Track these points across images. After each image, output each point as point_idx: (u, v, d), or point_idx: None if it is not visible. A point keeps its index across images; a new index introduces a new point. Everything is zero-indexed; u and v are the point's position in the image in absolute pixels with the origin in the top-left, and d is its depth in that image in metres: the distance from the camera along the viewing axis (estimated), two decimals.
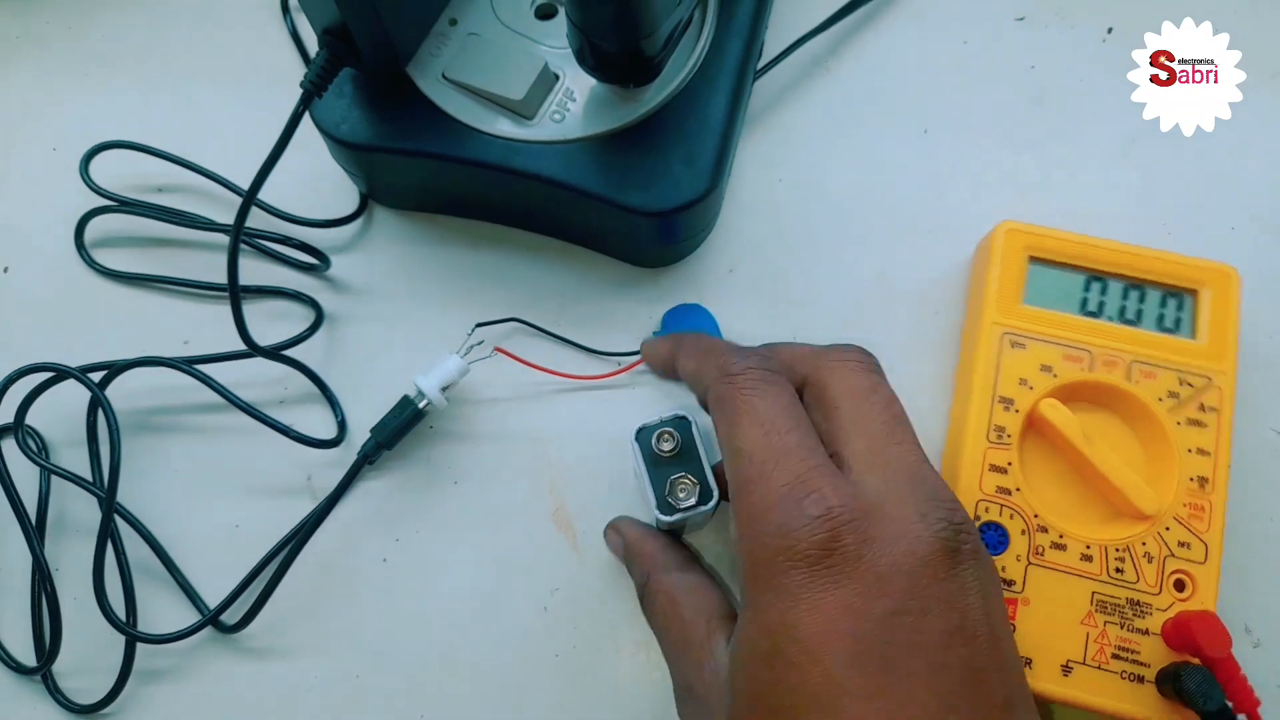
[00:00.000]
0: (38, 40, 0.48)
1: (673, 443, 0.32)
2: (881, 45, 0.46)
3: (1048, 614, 0.34)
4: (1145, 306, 0.37)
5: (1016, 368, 0.36)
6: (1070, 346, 0.36)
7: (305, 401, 0.41)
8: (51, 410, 0.39)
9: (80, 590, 0.37)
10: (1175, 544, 0.34)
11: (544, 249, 0.43)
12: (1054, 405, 0.35)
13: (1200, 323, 0.37)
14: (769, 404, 0.28)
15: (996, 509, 0.35)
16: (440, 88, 0.38)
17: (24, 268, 0.44)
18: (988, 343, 0.37)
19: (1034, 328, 0.37)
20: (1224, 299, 0.37)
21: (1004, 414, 0.36)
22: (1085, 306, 0.37)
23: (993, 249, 0.38)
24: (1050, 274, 0.38)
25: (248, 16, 0.48)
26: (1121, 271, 0.37)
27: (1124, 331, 0.37)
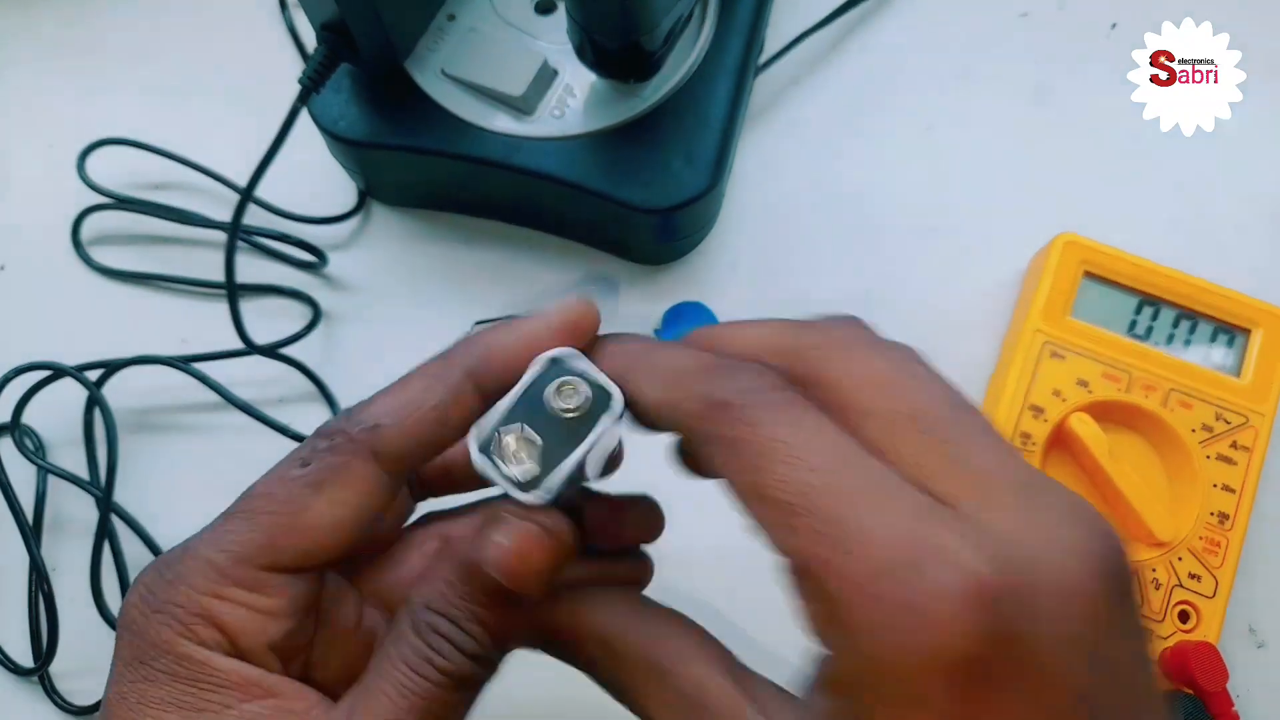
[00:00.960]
0: (34, 36, 0.48)
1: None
2: (883, 41, 0.46)
3: None
4: (1194, 337, 0.37)
5: (1053, 378, 0.36)
6: (1111, 365, 0.36)
7: (303, 400, 0.41)
8: (48, 409, 0.39)
9: (77, 590, 0.37)
10: (1186, 575, 0.34)
11: (543, 246, 0.42)
12: (1084, 420, 0.35)
13: (1248, 362, 0.37)
14: (800, 433, 0.18)
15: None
16: (439, 83, 0.38)
17: (20, 265, 0.44)
18: (1027, 349, 0.37)
19: (1077, 341, 0.37)
20: (1276, 342, 0.37)
21: (1033, 421, 0.36)
22: (1134, 328, 0.37)
23: (1049, 259, 0.38)
24: (1103, 291, 0.38)
25: (245, 12, 0.48)
26: (1177, 300, 0.37)
27: (1168, 359, 0.37)
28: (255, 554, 0.21)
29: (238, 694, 0.21)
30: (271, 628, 0.21)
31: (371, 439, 0.22)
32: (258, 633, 0.21)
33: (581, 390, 0.21)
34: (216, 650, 0.21)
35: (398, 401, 0.22)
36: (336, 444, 0.22)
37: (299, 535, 0.22)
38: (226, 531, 0.22)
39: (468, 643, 0.20)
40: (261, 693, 0.21)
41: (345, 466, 0.22)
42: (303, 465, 0.23)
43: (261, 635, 0.21)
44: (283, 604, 0.22)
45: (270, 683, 0.21)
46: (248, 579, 0.21)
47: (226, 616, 0.21)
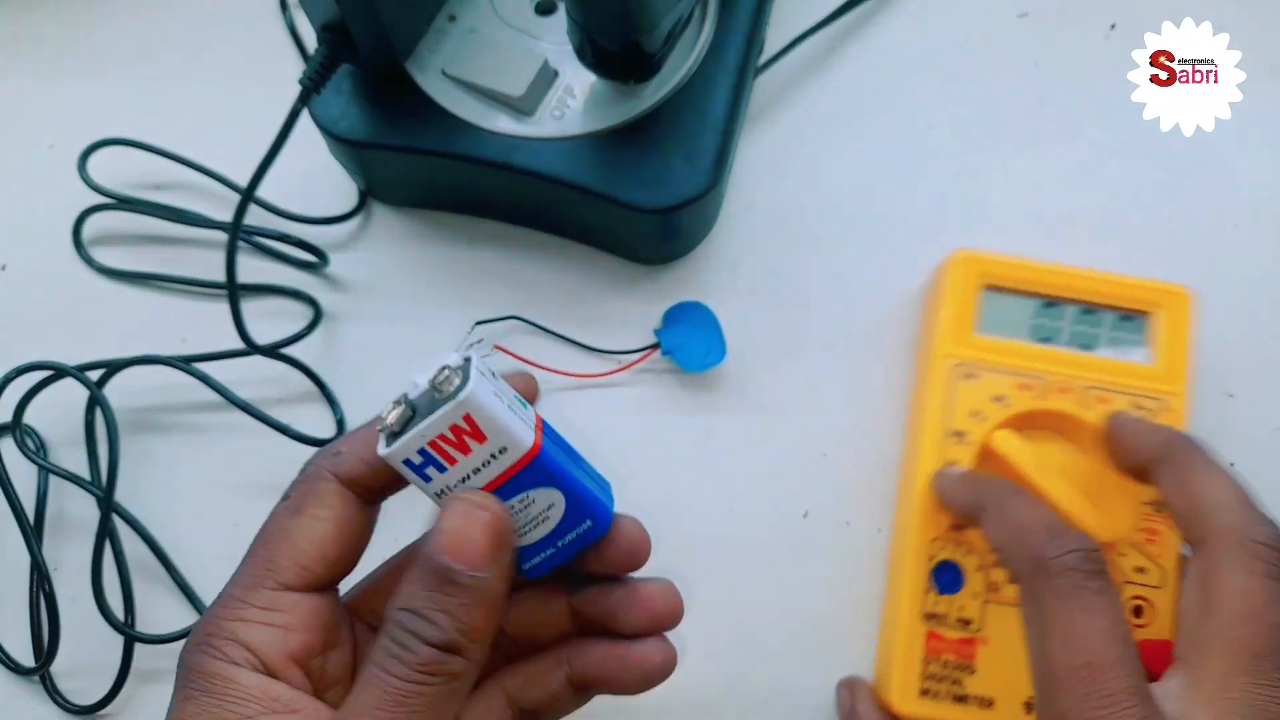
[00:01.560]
0: (34, 37, 0.48)
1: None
2: (883, 42, 0.46)
3: (1008, 652, 0.33)
4: (1099, 330, 0.37)
5: (968, 400, 0.36)
6: (1024, 375, 0.36)
7: (304, 400, 0.41)
8: (49, 409, 0.39)
9: (78, 590, 0.37)
10: (1132, 570, 0.34)
11: (544, 246, 0.42)
12: (1006, 436, 0.35)
13: (1154, 345, 0.36)
14: (1090, 622, 0.24)
15: (951, 547, 0.34)
16: (439, 84, 0.38)
17: (21, 265, 0.44)
18: (939, 376, 0.36)
19: (986, 357, 0.36)
20: (1177, 321, 0.36)
21: (956, 446, 0.35)
22: (1039, 333, 0.37)
23: (945, 279, 0.38)
24: (1003, 301, 0.37)
25: (246, 13, 0.48)
26: (1075, 296, 0.37)
27: (1077, 357, 0.36)
28: (263, 577, 0.25)
29: (260, 706, 0.23)
30: (290, 640, 0.25)
31: (333, 463, 0.26)
32: (278, 644, 0.24)
33: (454, 378, 0.23)
34: (245, 666, 0.24)
35: (357, 434, 0.27)
36: (307, 474, 0.27)
37: (292, 552, 0.25)
38: (242, 569, 0.26)
39: (432, 632, 0.22)
40: (281, 707, 0.23)
41: (315, 490, 0.26)
42: (284, 499, 0.27)
43: (281, 647, 0.24)
44: (295, 619, 0.25)
45: (290, 698, 0.24)
46: (263, 600, 0.25)
47: (248, 635, 0.24)
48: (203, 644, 0.24)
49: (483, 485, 0.24)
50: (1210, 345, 0.40)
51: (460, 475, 0.24)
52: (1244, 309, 0.40)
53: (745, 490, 0.39)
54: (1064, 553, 0.25)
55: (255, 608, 0.25)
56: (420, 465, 0.24)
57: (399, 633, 0.22)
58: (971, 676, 0.33)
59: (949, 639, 0.33)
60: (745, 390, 0.40)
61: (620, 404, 0.40)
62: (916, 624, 0.34)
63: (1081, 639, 0.24)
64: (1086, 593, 0.24)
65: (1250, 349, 0.40)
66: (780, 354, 0.41)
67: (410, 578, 0.23)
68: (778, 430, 0.40)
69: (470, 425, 0.23)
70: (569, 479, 0.25)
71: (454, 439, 0.23)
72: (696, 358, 0.39)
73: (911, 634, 0.34)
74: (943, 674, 0.33)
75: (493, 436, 0.24)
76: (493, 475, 0.24)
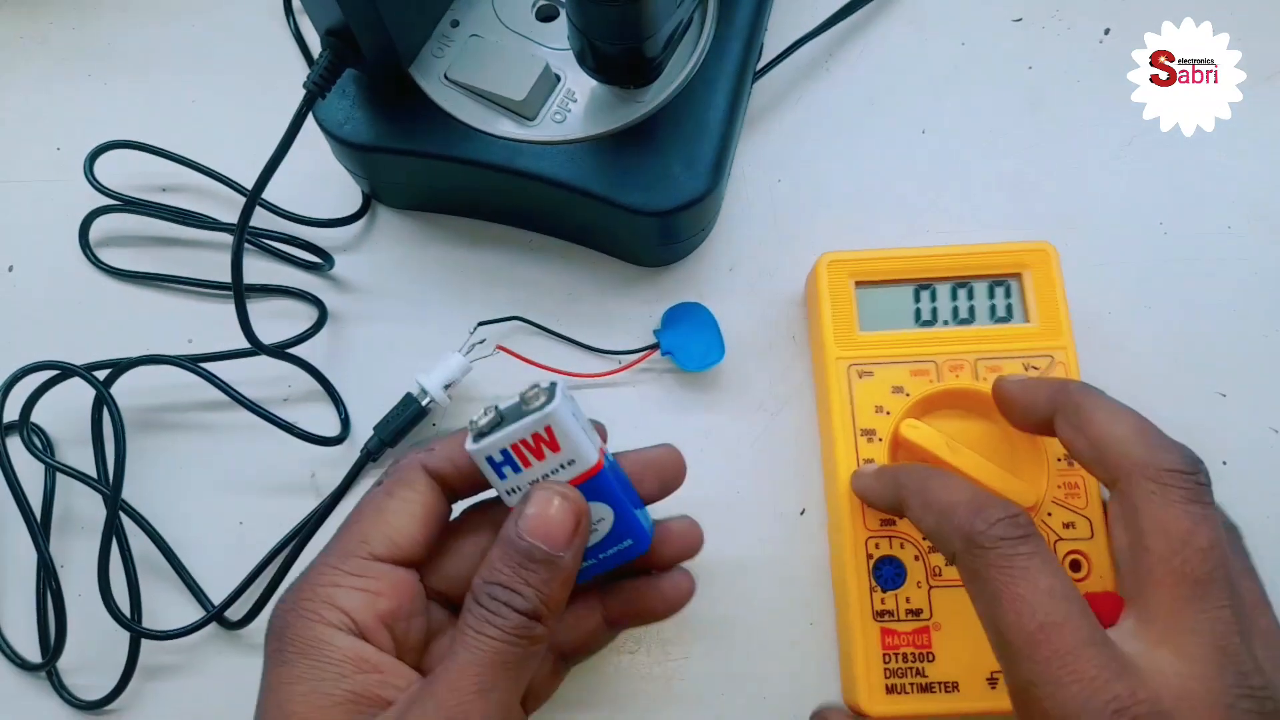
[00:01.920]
0: (42, 41, 0.49)
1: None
2: (880, 46, 0.46)
3: (961, 633, 0.34)
4: (975, 302, 0.37)
5: (869, 397, 0.36)
6: (914, 361, 0.36)
7: (309, 399, 0.41)
8: (57, 408, 0.39)
9: (85, 587, 0.38)
10: (1061, 526, 0.34)
11: (545, 248, 0.43)
12: (912, 425, 0.35)
13: (1030, 305, 0.37)
14: (1032, 586, 0.25)
15: (886, 542, 0.35)
16: (442, 88, 0.39)
17: (29, 266, 0.44)
18: (836, 379, 0.37)
19: (876, 352, 0.37)
20: (1046, 277, 0.37)
21: (869, 445, 0.36)
22: (919, 318, 0.37)
23: (818, 284, 0.38)
24: (879, 294, 0.38)
25: (251, 17, 0.48)
26: (945, 274, 0.38)
27: (961, 333, 0.37)
28: (356, 548, 0.28)
29: (352, 666, 0.26)
30: (379, 604, 0.28)
31: (424, 457, 0.30)
32: (369, 607, 0.27)
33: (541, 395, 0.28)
34: (340, 629, 0.27)
35: (448, 438, 0.30)
36: (401, 465, 0.30)
37: (383, 527, 0.29)
38: (334, 542, 0.29)
39: (520, 601, 0.26)
40: (370, 667, 0.26)
41: (406, 477, 0.30)
42: (378, 485, 0.30)
43: (372, 609, 0.27)
44: (384, 585, 0.28)
45: (378, 660, 0.27)
46: (356, 568, 0.28)
47: (343, 599, 0.27)
48: (298, 608, 0.27)
49: None
50: (1206, 345, 0.40)
51: (532, 478, 0.28)
52: (1240, 309, 0.41)
53: (743, 488, 0.39)
54: (991, 524, 0.26)
55: (349, 574, 0.28)
56: (500, 463, 0.28)
57: (491, 603, 0.26)
58: (932, 664, 0.34)
59: (903, 632, 0.34)
60: (743, 390, 0.40)
61: (620, 403, 0.40)
62: (869, 625, 0.34)
63: (1029, 605, 0.24)
64: (1021, 558, 0.25)
65: (1244, 349, 0.40)
66: (778, 354, 0.41)
67: (497, 555, 0.26)
68: (776, 430, 0.40)
69: (549, 435, 0.27)
70: (620, 500, 0.29)
71: (533, 445, 0.27)
72: (695, 358, 0.40)
73: (866, 635, 0.34)
74: (904, 668, 0.34)
75: (565, 448, 0.27)
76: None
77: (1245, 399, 0.39)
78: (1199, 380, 0.40)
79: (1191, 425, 0.39)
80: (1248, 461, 0.38)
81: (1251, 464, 0.38)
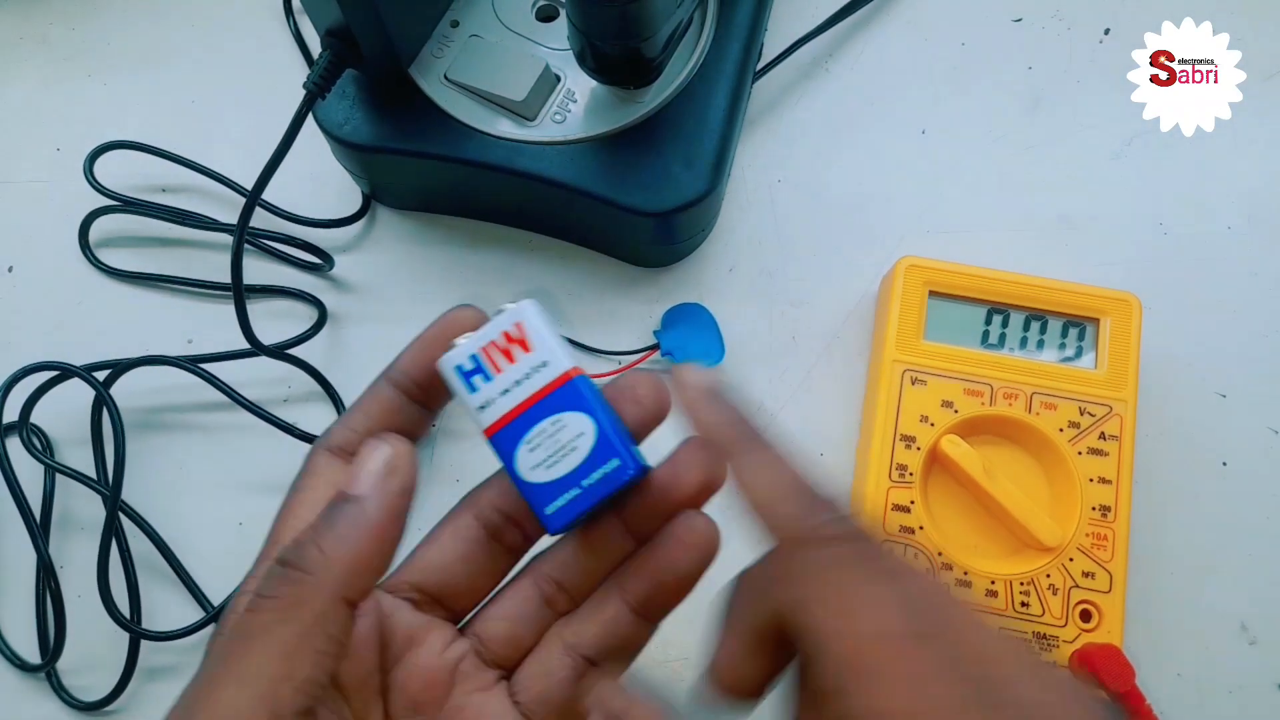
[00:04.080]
0: (41, 41, 0.49)
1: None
2: (879, 47, 0.46)
3: None
4: (1046, 337, 0.37)
5: (917, 405, 0.36)
6: (971, 380, 0.36)
7: (308, 400, 0.41)
8: (56, 409, 0.39)
9: (85, 588, 0.38)
10: (1080, 574, 0.34)
11: (545, 249, 0.43)
12: (955, 441, 0.35)
13: (1100, 352, 0.37)
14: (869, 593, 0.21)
15: (901, 549, 0.34)
16: (442, 89, 0.39)
17: (29, 267, 0.44)
18: (889, 381, 0.36)
19: (934, 363, 0.36)
20: (1124, 328, 0.37)
21: (905, 452, 0.35)
22: (986, 339, 0.37)
23: (893, 286, 0.38)
24: (951, 308, 0.37)
25: (251, 18, 0.48)
26: (1022, 303, 0.37)
27: (1024, 364, 0.37)
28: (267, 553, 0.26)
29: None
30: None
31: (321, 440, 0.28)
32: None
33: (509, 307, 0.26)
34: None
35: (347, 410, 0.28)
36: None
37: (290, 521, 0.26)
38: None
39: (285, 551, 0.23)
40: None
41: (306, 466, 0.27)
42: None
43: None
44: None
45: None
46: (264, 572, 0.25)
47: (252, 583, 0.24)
48: (218, 629, 0.25)
49: (522, 399, 0.25)
50: (1204, 346, 0.40)
51: (503, 386, 0.25)
52: (1240, 309, 0.41)
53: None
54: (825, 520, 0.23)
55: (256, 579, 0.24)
56: (470, 372, 0.26)
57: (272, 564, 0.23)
58: None
59: None
60: (743, 390, 0.40)
61: None
62: None
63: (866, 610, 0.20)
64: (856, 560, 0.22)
65: (1242, 350, 0.40)
66: (778, 354, 0.41)
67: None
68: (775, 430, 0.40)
69: (520, 333, 0.25)
70: (601, 409, 0.25)
71: (503, 345, 0.25)
72: (695, 358, 0.40)
73: None
74: None
75: (537, 348, 0.25)
76: (533, 389, 0.25)
77: (1245, 399, 0.39)
78: (1199, 380, 0.40)
79: (1191, 425, 0.39)
80: (1248, 461, 0.38)
81: (1251, 464, 0.38)
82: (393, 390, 0.28)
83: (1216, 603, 0.37)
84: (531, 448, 0.25)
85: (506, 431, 0.25)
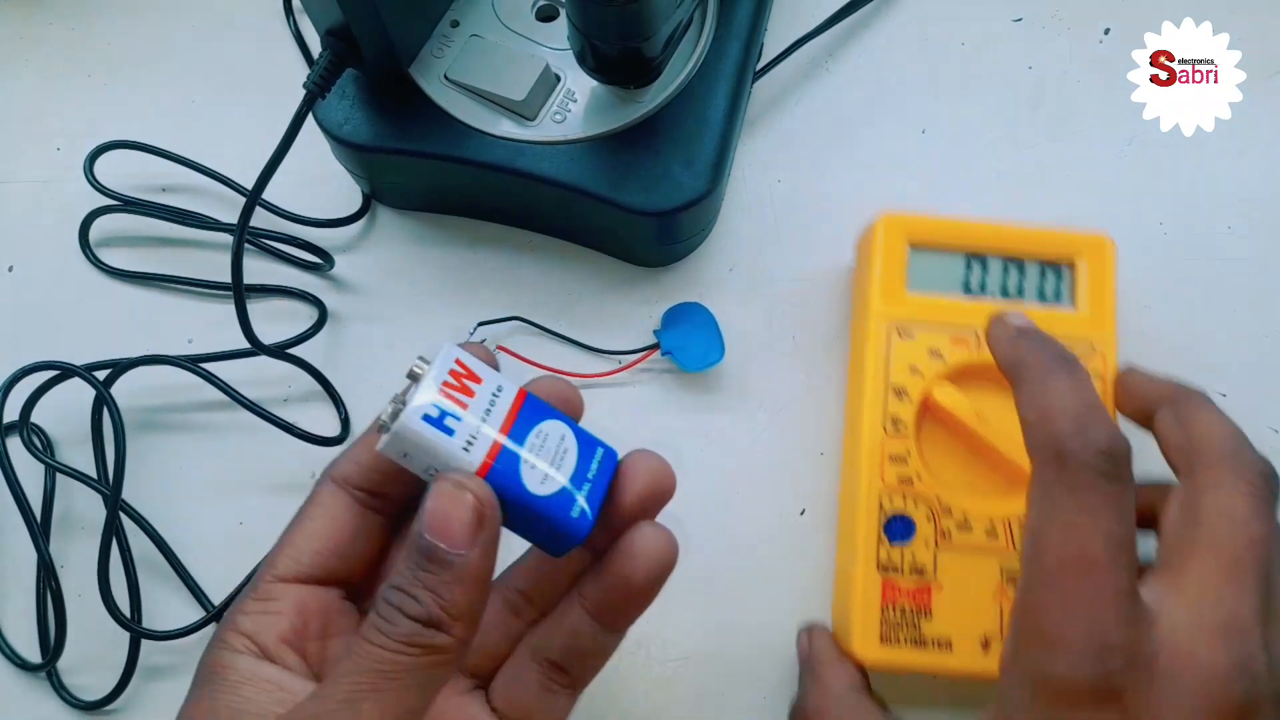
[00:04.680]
0: (41, 40, 0.49)
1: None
2: (880, 47, 0.46)
3: (961, 594, 0.34)
4: (1025, 282, 0.38)
5: (906, 356, 0.36)
6: (956, 329, 0.37)
7: (309, 400, 0.41)
8: (57, 408, 0.39)
9: (85, 587, 0.38)
10: None
11: (545, 249, 0.43)
12: (945, 389, 0.36)
13: (1079, 293, 0.37)
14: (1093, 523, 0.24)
15: (900, 499, 0.35)
16: (442, 89, 0.39)
17: (29, 266, 0.44)
18: (876, 335, 0.37)
19: (920, 315, 0.37)
20: (1100, 269, 0.37)
21: (898, 403, 0.36)
22: (968, 287, 0.38)
23: (874, 242, 0.38)
24: (931, 259, 0.38)
25: (251, 17, 0.48)
26: (1000, 250, 0.38)
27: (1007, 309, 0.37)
28: (262, 574, 0.28)
29: (253, 689, 0.25)
30: (280, 624, 0.27)
31: (330, 469, 0.29)
32: (270, 629, 0.27)
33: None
34: (244, 653, 0.26)
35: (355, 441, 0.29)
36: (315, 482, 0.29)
37: (288, 548, 0.28)
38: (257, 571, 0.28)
39: (414, 607, 0.23)
40: (273, 687, 0.26)
41: (316, 495, 0.29)
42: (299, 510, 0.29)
43: (273, 630, 0.27)
44: (286, 605, 0.27)
45: (280, 679, 0.26)
46: (260, 593, 0.27)
47: (246, 623, 0.27)
48: (212, 642, 0.27)
49: (499, 424, 0.25)
50: (1206, 345, 0.40)
51: (478, 417, 0.25)
52: (1240, 309, 0.41)
53: (743, 489, 0.39)
54: (1089, 450, 0.24)
55: (254, 599, 0.27)
56: (439, 418, 0.25)
57: (384, 607, 0.23)
58: (929, 621, 0.34)
59: (904, 588, 0.34)
60: (743, 390, 0.41)
61: (620, 404, 0.40)
62: (871, 574, 0.34)
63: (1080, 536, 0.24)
64: (1097, 494, 0.24)
65: (1244, 349, 0.40)
66: (778, 354, 0.41)
67: (400, 557, 0.24)
68: (775, 429, 0.40)
69: (464, 368, 0.26)
70: (559, 413, 0.27)
71: (456, 384, 0.25)
72: (695, 358, 0.40)
73: (867, 584, 0.34)
74: (900, 621, 0.34)
75: (486, 377, 0.26)
76: (504, 413, 0.26)
77: (1245, 399, 0.39)
78: (1199, 380, 0.39)
79: None
80: None
81: None
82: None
83: None
84: (530, 466, 0.25)
85: (500, 463, 0.25)
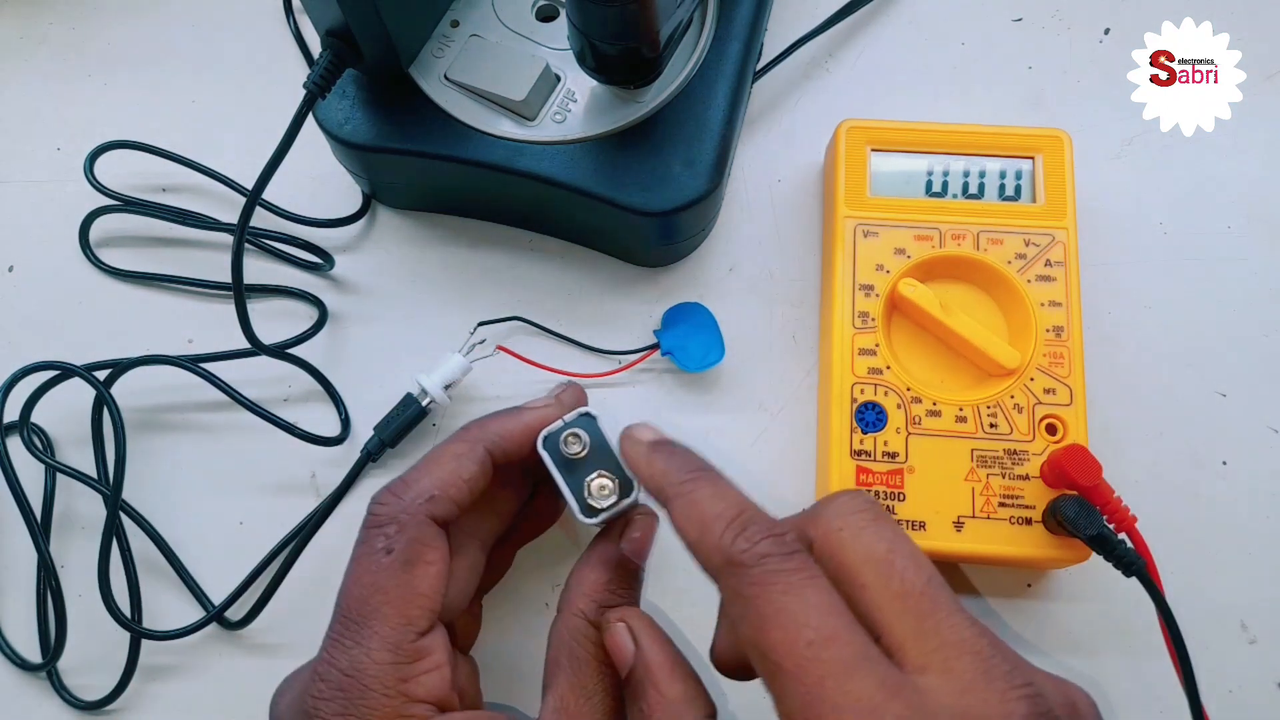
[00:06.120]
0: (41, 41, 0.49)
1: (580, 444, 0.31)
2: (879, 47, 0.46)
3: (933, 477, 0.35)
4: (985, 180, 0.39)
5: (872, 255, 0.38)
6: (919, 227, 0.38)
7: (309, 399, 0.41)
8: (57, 408, 0.39)
9: (85, 587, 0.38)
10: (1041, 392, 0.36)
11: (545, 249, 0.43)
12: (910, 283, 0.37)
13: (1038, 186, 0.39)
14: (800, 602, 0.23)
15: (871, 389, 0.36)
16: (442, 89, 0.39)
17: (29, 267, 0.44)
18: (842, 236, 0.38)
19: (883, 215, 0.38)
20: (1057, 162, 0.39)
21: (866, 300, 0.37)
22: (930, 188, 0.39)
23: (837, 149, 0.40)
24: (893, 162, 0.39)
25: (251, 17, 0.48)
26: (961, 149, 0.39)
27: (968, 206, 0.39)
28: (407, 636, 0.28)
29: None
30: (445, 673, 0.28)
31: (430, 508, 0.29)
32: (442, 683, 0.28)
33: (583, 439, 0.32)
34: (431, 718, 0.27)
35: (440, 477, 0.30)
36: (403, 522, 0.29)
37: (421, 601, 0.28)
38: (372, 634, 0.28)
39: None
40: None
41: (420, 538, 0.29)
42: (388, 552, 0.29)
43: (445, 683, 0.28)
44: (442, 656, 0.28)
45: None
46: (416, 652, 0.28)
47: (422, 690, 0.27)
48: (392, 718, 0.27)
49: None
50: (1206, 345, 0.40)
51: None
52: (1240, 309, 0.41)
53: (743, 488, 0.39)
54: (754, 542, 0.24)
55: (415, 664, 0.28)
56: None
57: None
58: (902, 504, 0.35)
59: (877, 472, 0.35)
60: (743, 390, 0.40)
61: (620, 403, 0.40)
62: (845, 461, 0.36)
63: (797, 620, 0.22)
64: (787, 574, 0.23)
65: (1244, 349, 0.40)
66: (778, 354, 0.41)
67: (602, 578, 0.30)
68: (775, 429, 0.40)
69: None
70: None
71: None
72: (695, 358, 0.40)
73: (841, 471, 0.36)
74: None
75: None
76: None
77: (1245, 399, 0.39)
78: (1199, 380, 0.40)
79: (1191, 425, 0.39)
80: (1248, 461, 0.38)
81: (1251, 464, 0.38)
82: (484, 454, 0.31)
83: (1216, 602, 0.37)
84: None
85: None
